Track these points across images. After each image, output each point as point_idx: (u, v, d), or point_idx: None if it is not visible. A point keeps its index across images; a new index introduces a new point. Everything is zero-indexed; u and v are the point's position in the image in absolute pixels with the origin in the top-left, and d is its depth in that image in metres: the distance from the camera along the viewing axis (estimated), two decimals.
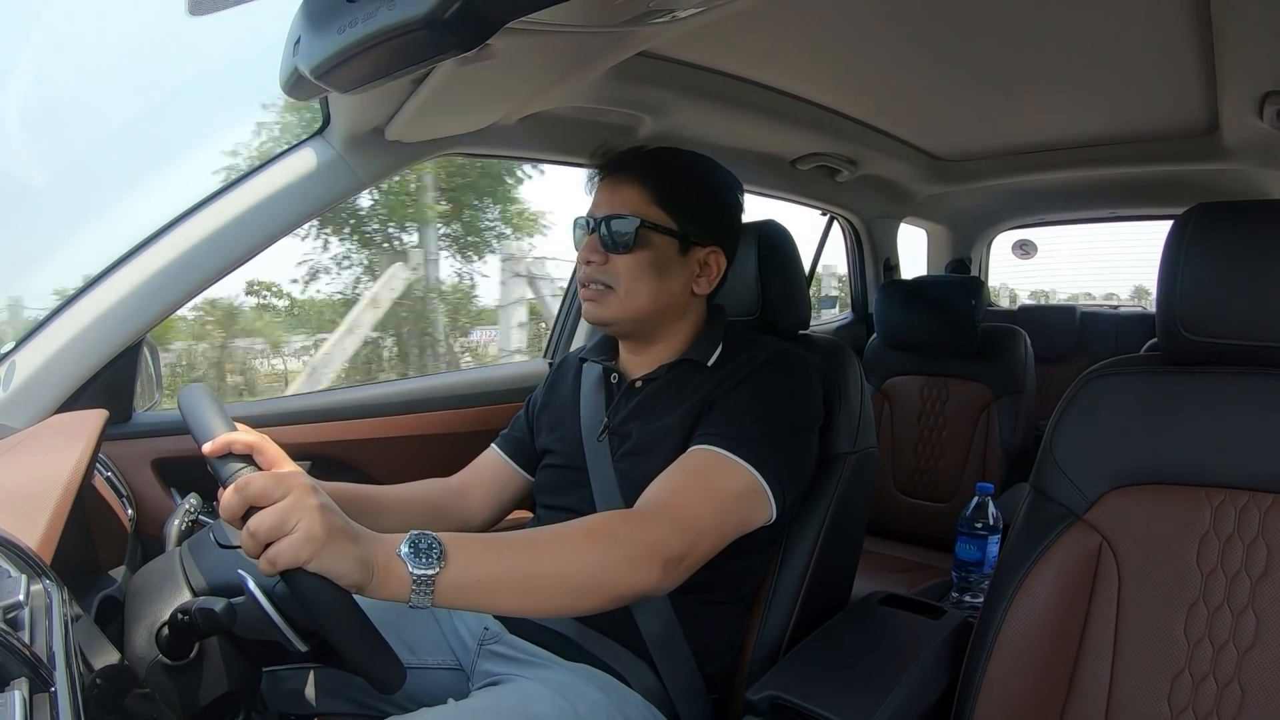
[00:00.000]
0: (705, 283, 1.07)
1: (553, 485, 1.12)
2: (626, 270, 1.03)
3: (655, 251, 1.03)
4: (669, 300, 1.05)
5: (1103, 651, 0.89)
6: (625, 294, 1.03)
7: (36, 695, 0.48)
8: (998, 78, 1.61)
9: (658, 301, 1.04)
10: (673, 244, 1.03)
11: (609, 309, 1.04)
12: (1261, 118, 1.53)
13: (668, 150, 1.09)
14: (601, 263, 1.03)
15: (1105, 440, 0.93)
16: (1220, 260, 0.87)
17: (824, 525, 1.10)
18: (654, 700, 0.99)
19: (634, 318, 1.05)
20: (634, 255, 1.02)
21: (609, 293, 1.04)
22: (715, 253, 1.07)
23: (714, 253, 1.07)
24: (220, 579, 0.92)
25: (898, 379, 2.27)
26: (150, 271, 1.22)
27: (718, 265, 1.08)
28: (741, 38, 1.35)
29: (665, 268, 1.03)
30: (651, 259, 1.03)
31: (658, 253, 1.03)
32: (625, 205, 1.03)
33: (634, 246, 1.02)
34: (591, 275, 1.04)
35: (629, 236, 1.01)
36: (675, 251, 1.04)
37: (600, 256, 1.03)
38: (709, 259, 1.07)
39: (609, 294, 1.04)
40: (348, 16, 0.73)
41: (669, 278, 1.04)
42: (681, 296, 1.06)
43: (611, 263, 1.03)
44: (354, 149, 1.32)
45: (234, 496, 0.67)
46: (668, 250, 1.03)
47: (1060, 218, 3.33)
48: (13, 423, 1.13)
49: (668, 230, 1.03)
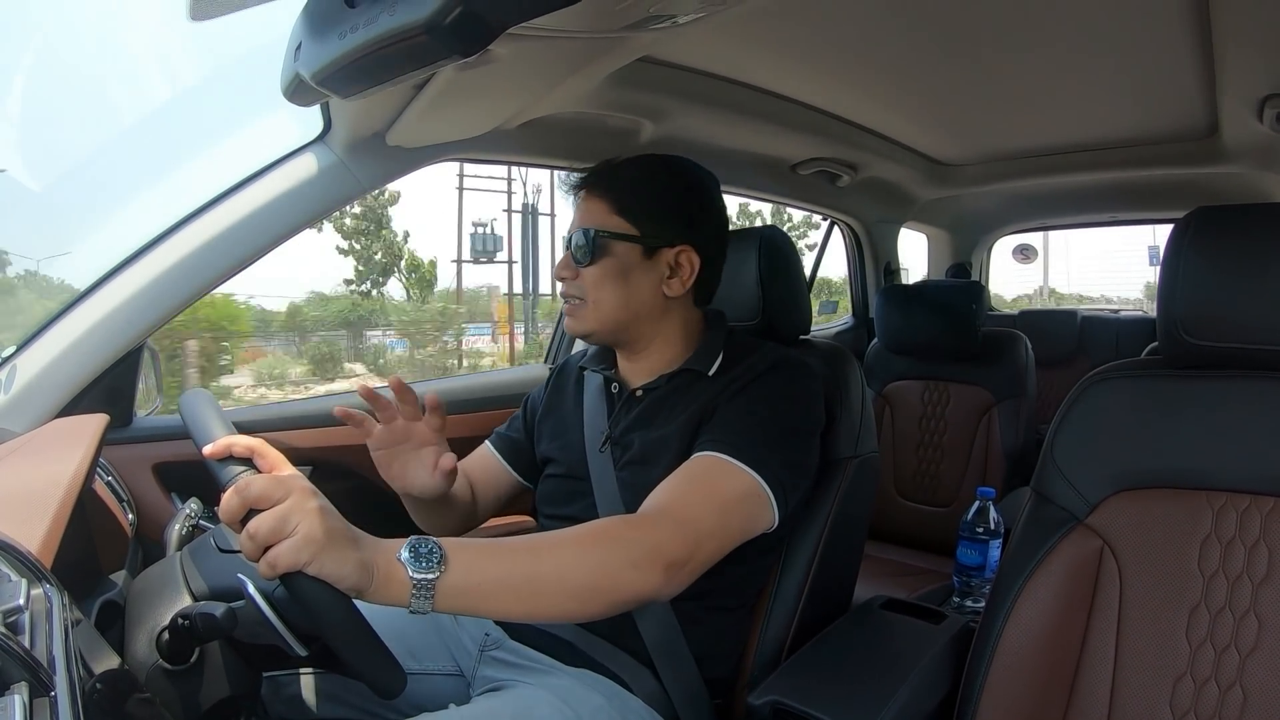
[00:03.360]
0: (678, 284, 1.07)
1: (555, 495, 1.12)
2: (592, 281, 1.05)
3: (617, 259, 1.04)
4: (639, 305, 1.06)
5: (1104, 656, 0.88)
6: (594, 304, 1.05)
7: (36, 700, 0.48)
8: (998, 82, 1.61)
9: (628, 308, 1.05)
10: (634, 249, 1.04)
11: (584, 321, 1.07)
12: (1261, 121, 1.53)
13: (634, 159, 1.10)
14: (572, 277, 1.07)
15: (1106, 444, 0.93)
16: (1220, 264, 0.87)
17: (825, 530, 1.09)
18: (656, 706, 0.98)
19: (607, 326, 1.06)
20: (597, 266, 1.04)
21: (582, 305, 1.06)
22: (685, 252, 1.07)
23: (684, 252, 1.06)
24: (221, 584, 0.92)
25: (899, 383, 2.27)
26: (151, 276, 1.22)
27: (690, 264, 1.07)
28: (742, 42, 1.35)
29: (628, 274, 1.04)
30: (614, 267, 1.04)
31: (620, 260, 1.04)
32: (588, 220, 1.05)
33: (595, 257, 1.04)
34: (565, 290, 1.08)
35: (588, 248, 1.04)
36: (639, 257, 1.05)
37: (570, 271, 1.07)
38: (679, 259, 1.06)
39: (582, 306, 1.06)
40: (349, 22, 0.73)
41: (634, 283, 1.05)
42: (652, 300, 1.06)
43: (580, 276, 1.06)
44: (355, 154, 1.32)
45: (234, 498, 0.67)
46: (630, 256, 1.04)
47: (1061, 222, 3.33)
48: (13, 427, 1.13)
49: (626, 236, 1.04)
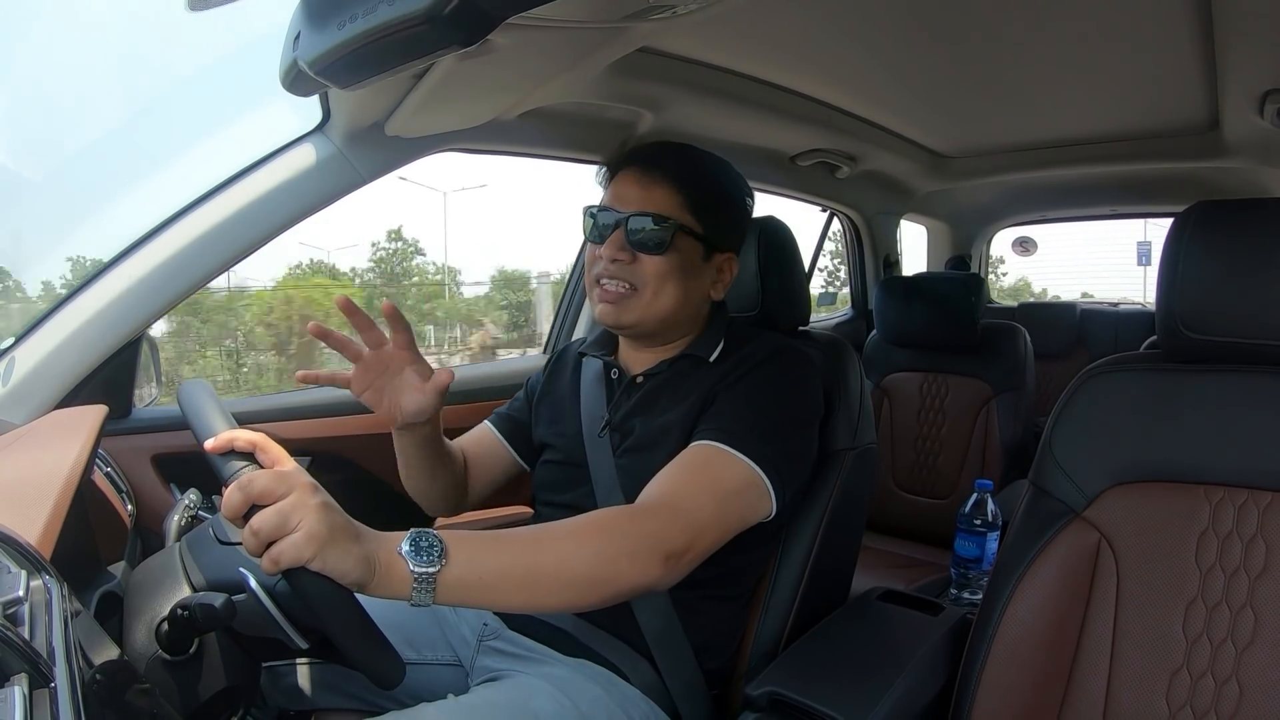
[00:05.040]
0: (720, 288, 1.07)
1: (553, 482, 1.12)
2: (656, 272, 1.00)
3: (684, 256, 1.01)
4: (691, 305, 1.04)
5: (1101, 648, 0.89)
6: (652, 297, 1.00)
7: (36, 691, 0.48)
8: (999, 74, 1.61)
9: (683, 307, 1.03)
10: (699, 250, 1.02)
11: (631, 311, 1.01)
12: (1262, 115, 1.53)
13: (694, 151, 1.07)
14: (628, 261, 0.99)
15: (1104, 437, 0.93)
16: (1220, 258, 0.87)
17: (823, 521, 1.10)
18: (654, 696, 0.99)
19: (656, 321, 1.03)
20: (666, 258, 0.99)
21: (633, 294, 1.00)
22: (731, 259, 1.07)
23: (730, 259, 1.07)
24: (220, 574, 0.92)
25: (897, 375, 2.27)
26: (150, 267, 1.22)
27: (731, 271, 1.08)
28: (742, 33, 1.34)
29: (690, 273, 1.02)
30: (681, 263, 1.01)
31: (686, 258, 1.01)
32: (659, 205, 1.00)
33: (667, 248, 0.99)
34: (615, 273, 1.00)
35: (664, 238, 0.99)
36: (699, 257, 1.03)
37: (628, 255, 0.99)
38: (725, 265, 1.07)
39: (632, 296, 1.00)
40: (348, 11, 0.73)
41: (693, 283, 1.03)
42: (701, 302, 1.06)
43: (640, 263, 1.00)
44: (354, 144, 1.32)
45: (236, 494, 0.67)
46: (694, 256, 1.02)
47: (1061, 215, 3.33)
48: (12, 418, 1.13)
49: (698, 236, 1.01)
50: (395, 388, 0.97)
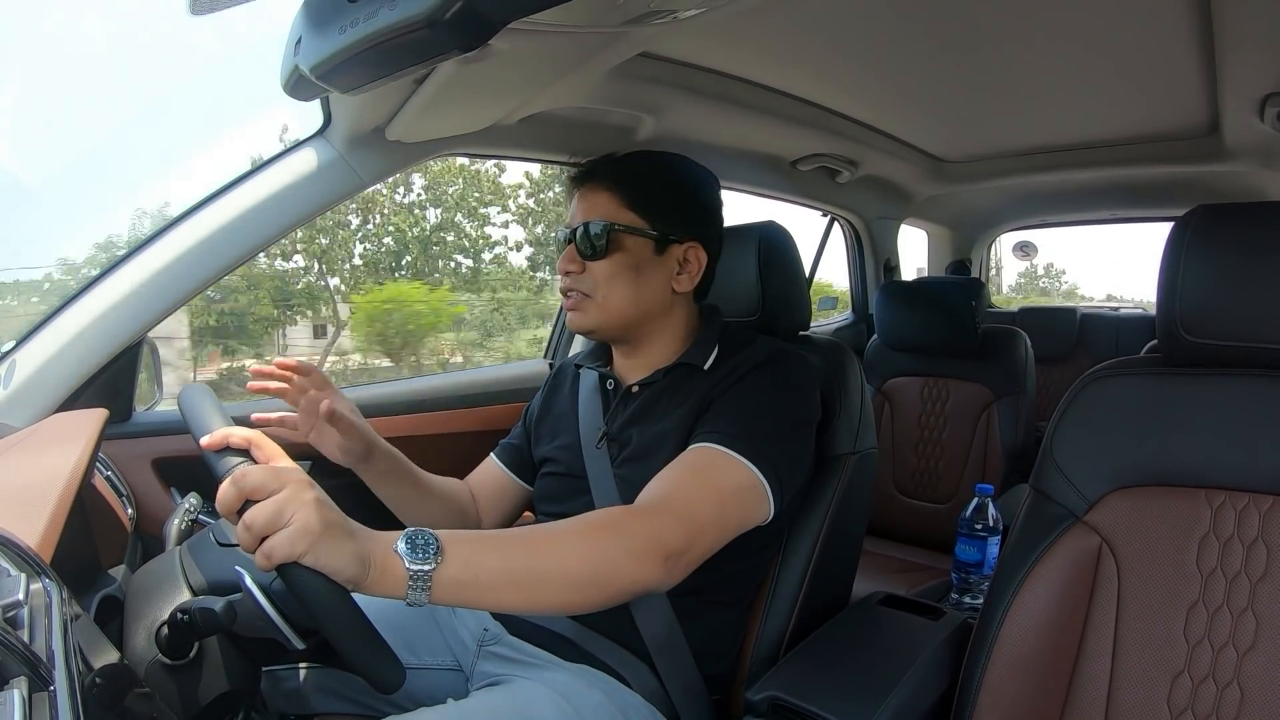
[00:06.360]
0: (686, 279, 1.07)
1: (553, 493, 1.12)
2: (602, 275, 1.04)
3: (629, 254, 1.03)
4: (649, 301, 1.06)
5: (1102, 653, 0.88)
6: (603, 299, 1.04)
7: (36, 694, 0.48)
8: (999, 78, 1.61)
9: (638, 304, 1.05)
10: (647, 244, 1.04)
11: (590, 316, 1.06)
12: (1262, 119, 1.53)
13: (638, 154, 1.11)
14: (579, 271, 1.05)
15: (1105, 441, 0.93)
16: (1221, 262, 0.87)
17: (824, 526, 1.10)
18: (655, 701, 0.99)
19: (615, 322, 1.06)
20: (608, 260, 1.03)
21: (587, 300, 1.05)
22: (694, 248, 1.07)
23: (692, 248, 1.07)
24: (220, 578, 0.92)
25: (898, 379, 2.27)
26: (151, 271, 1.22)
27: (698, 260, 1.08)
28: (743, 37, 1.35)
29: (641, 269, 1.04)
30: (626, 261, 1.03)
31: (632, 255, 1.04)
32: (596, 211, 1.04)
33: (607, 251, 1.03)
34: (570, 284, 1.06)
35: (601, 241, 1.03)
36: (650, 252, 1.04)
37: (577, 265, 1.05)
38: (688, 255, 1.07)
39: (587, 301, 1.05)
40: (349, 16, 0.73)
41: (646, 278, 1.05)
42: (662, 296, 1.07)
43: (588, 270, 1.05)
44: (355, 149, 1.32)
45: (230, 489, 0.67)
46: (642, 251, 1.04)
47: (1061, 219, 3.33)
48: (13, 421, 1.13)
49: (639, 231, 1.03)
50: (322, 428, 1.03)
